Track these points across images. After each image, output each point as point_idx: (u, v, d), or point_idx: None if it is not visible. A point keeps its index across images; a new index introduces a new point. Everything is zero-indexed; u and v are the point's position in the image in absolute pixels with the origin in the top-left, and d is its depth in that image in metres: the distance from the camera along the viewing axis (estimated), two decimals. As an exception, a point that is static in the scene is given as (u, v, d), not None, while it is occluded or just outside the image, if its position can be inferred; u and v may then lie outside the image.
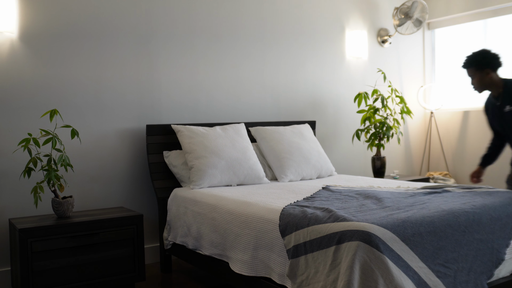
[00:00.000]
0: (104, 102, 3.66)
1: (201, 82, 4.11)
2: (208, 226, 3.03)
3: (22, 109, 3.34)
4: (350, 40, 5.01)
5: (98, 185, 3.64)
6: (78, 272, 3.03)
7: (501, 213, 2.55)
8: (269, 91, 4.50)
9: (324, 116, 4.88)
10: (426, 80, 5.67)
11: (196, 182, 3.43)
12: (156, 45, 3.88)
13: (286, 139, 3.99)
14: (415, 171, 5.62)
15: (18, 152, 3.25)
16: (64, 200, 3.11)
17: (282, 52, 4.58)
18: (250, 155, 3.69)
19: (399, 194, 2.89)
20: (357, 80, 5.10)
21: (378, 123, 4.70)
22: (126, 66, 3.75)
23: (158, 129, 3.74)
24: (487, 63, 3.11)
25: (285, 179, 3.79)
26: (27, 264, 2.87)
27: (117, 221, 3.17)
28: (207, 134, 3.65)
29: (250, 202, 2.83)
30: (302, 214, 2.40)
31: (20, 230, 2.86)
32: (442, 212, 2.36)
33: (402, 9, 4.99)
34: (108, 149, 3.68)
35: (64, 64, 3.50)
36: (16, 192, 3.31)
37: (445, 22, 5.49)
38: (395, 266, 2.01)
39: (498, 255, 2.46)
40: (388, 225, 2.12)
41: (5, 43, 3.28)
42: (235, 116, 4.29)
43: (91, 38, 3.60)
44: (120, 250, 3.18)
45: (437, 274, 2.16)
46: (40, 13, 3.40)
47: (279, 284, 2.43)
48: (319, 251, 2.20)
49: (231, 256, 2.77)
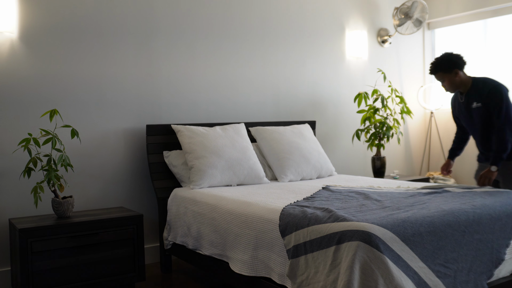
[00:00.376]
0: (104, 102, 3.66)
1: (201, 82, 4.11)
2: (208, 226, 3.03)
3: (22, 109, 3.34)
4: (350, 40, 5.01)
5: (98, 185, 3.64)
6: (78, 272, 3.03)
7: (501, 213, 2.55)
8: (269, 91, 4.50)
9: (324, 116, 4.88)
10: (426, 80, 5.67)
11: (196, 182, 3.43)
12: (156, 45, 3.88)
13: (286, 139, 3.99)
14: (415, 171, 5.62)
15: (18, 152, 3.25)
16: (64, 200, 3.11)
17: (282, 52, 4.58)
18: (250, 155, 3.69)
19: (399, 194, 2.89)
20: (357, 80, 5.10)
21: (378, 123, 4.70)
22: (126, 66, 3.75)
23: (158, 129, 3.74)
24: (454, 64, 3.25)
25: (285, 179, 3.79)
26: (27, 264, 2.87)
27: (117, 221, 3.17)
28: (207, 134, 3.65)
29: (250, 202, 2.83)
30: (302, 214, 2.40)
31: (20, 230, 2.86)
32: (442, 212, 2.36)
33: (402, 9, 4.99)
34: (108, 149, 3.68)
35: (64, 64, 3.50)
36: (16, 192, 3.31)
37: (445, 22, 5.49)
38: (395, 266, 2.01)
39: (498, 255, 2.46)
40: (388, 225, 2.12)
41: (5, 43, 3.28)
42: (235, 116, 4.29)
43: (91, 39, 3.60)
44: (120, 250, 3.18)
45: (437, 274, 2.16)
46: (40, 13, 3.40)
47: (279, 284, 2.43)
48: (319, 251, 2.20)
49: (231, 256, 2.77)
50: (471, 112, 3.31)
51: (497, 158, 3.11)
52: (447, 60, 3.27)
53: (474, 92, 3.28)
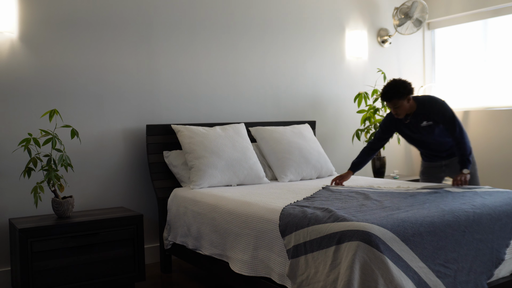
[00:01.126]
0: (104, 102, 3.66)
1: (201, 82, 4.11)
2: (208, 226, 3.03)
3: (22, 109, 3.34)
4: (350, 40, 5.01)
5: (98, 185, 3.64)
6: (78, 272, 3.03)
7: (501, 213, 2.55)
8: (269, 91, 4.50)
9: (324, 116, 4.88)
10: (426, 80, 5.67)
11: (196, 182, 3.43)
12: (156, 45, 3.88)
13: (286, 139, 3.99)
14: (415, 171, 5.62)
15: (18, 152, 3.25)
16: (64, 200, 3.11)
17: (282, 52, 4.58)
18: (250, 155, 3.69)
19: (399, 194, 2.89)
20: (357, 80, 5.10)
21: (378, 123, 4.70)
22: (126, 66, 3.75)
23: (158, 129, 3.74)
24: (409, 90, 3.31)
25: (285, 179, 3.79)
26: (27, 264, 2.87)
27: (117, 221, 3.17)
28: (207, 134, 3.65)
29: (250, 202, 2.83)
30: (302, 214, 2.40)
31: (20, 230, 2.86)
32: (442, 212, 2.36)
33: (402, 9, 4.99)
34: (108, 149, 3.68)
35: (64, 64, 3.50)
36: (16, 192, 3.31)
37: (445, 22, 5.49)
38: (395, 266, 2.01)
39: (498, 255, 2.46)
40: (388, 225, 2.12)
41: (5, 43, 3.28)
42: (235, 116, 4.29)
43: (91, 39, 3.60)
44: (120, 250, 3.18)
45: (437, 274, 2.16)
46: (40, 13, 3.40)
47: (279, 284, 2.43)
48: (319, 251, 2.20)
49: (231, 256, 2.77)
50: (420, 130, 3.40)
51: (466, 162, 3.24)
52: (403, 87, 3.29)
53: (422, 112, 3.35)
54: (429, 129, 3.39)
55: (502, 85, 5.01)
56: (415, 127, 3.42)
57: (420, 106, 3.36)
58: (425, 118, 3.36)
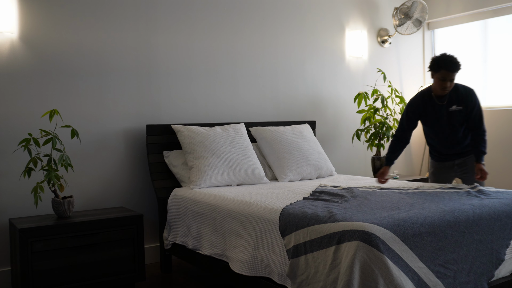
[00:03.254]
0: (104, 102, 3.66)
1: (201, 82, 4.11)
2: (208, 226, 3.03)
3: (22, 109, 3.34)
4: (350, 40, 5.01)
5: (98, 185, 3.65)
6: (78, 272, 3.03)
7: (501, 213, 2.55)
8: (269, 91, 4.50)
9: (324, 116, 4.88)
10: (426, 80, 5.67)
11: (196, 182, 3.43)
12: (156, 45, 3.89)
13: (286, 139, 3.99)
14: (415, 171, 5.62)
15: (18, 152, 3.26)
16: (64, 200, 3.11)
17: (282, 52, 4.58)
18: (250, 155, 3.69)
19: (399, 194, 2.89)
20: (357, 80, 5.10)
21: (378, 123, 4.70)
22: (126, 66, 3.75)
23: (158, 129, 3.74)
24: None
25: (285, 179, 3.79)
26: (27, 264, 2.87)
27: (117, 221, 3.17)
28: (207, 134, 3.65)
29: (250, 202, 2.83)
30: (302, 214, 2.40)
31: (20, 230, 2.86)
32: (442, 212, 2.36)
33: (402, 9, 5.00)
34: (108, 149, 3.68)
35: (64, 64, 3.50)
36: (16, 192, 3.31)
37: (445, 22, 5.49)
38: (395, 266, 2.01)
39: (497, 255, 2.46)
40: (388, 225, 2.13)
41: (5, 43, 3.28)
42: (235, 116, 4.29)
43: (92, 39, 3.60)
44: (120, 250, 3.18)
45: (437, 275, 2.16)
46: (40, 13, 3.40)
47: (279, 284, 2.43)
48: (319, 251, 2.20)
49: (231, 256, 2.77)
50: (447, 114, 3.36)
51: (483, 154, 3.27)
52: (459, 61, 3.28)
53: (455, 95, 3.35)
54: (456, 115, 3.33)
55: (502, 85, 5.01)
56: (444, 110, 3.36)
57: (454, 89, 3.34)
58: (456, 102, 3.32)
